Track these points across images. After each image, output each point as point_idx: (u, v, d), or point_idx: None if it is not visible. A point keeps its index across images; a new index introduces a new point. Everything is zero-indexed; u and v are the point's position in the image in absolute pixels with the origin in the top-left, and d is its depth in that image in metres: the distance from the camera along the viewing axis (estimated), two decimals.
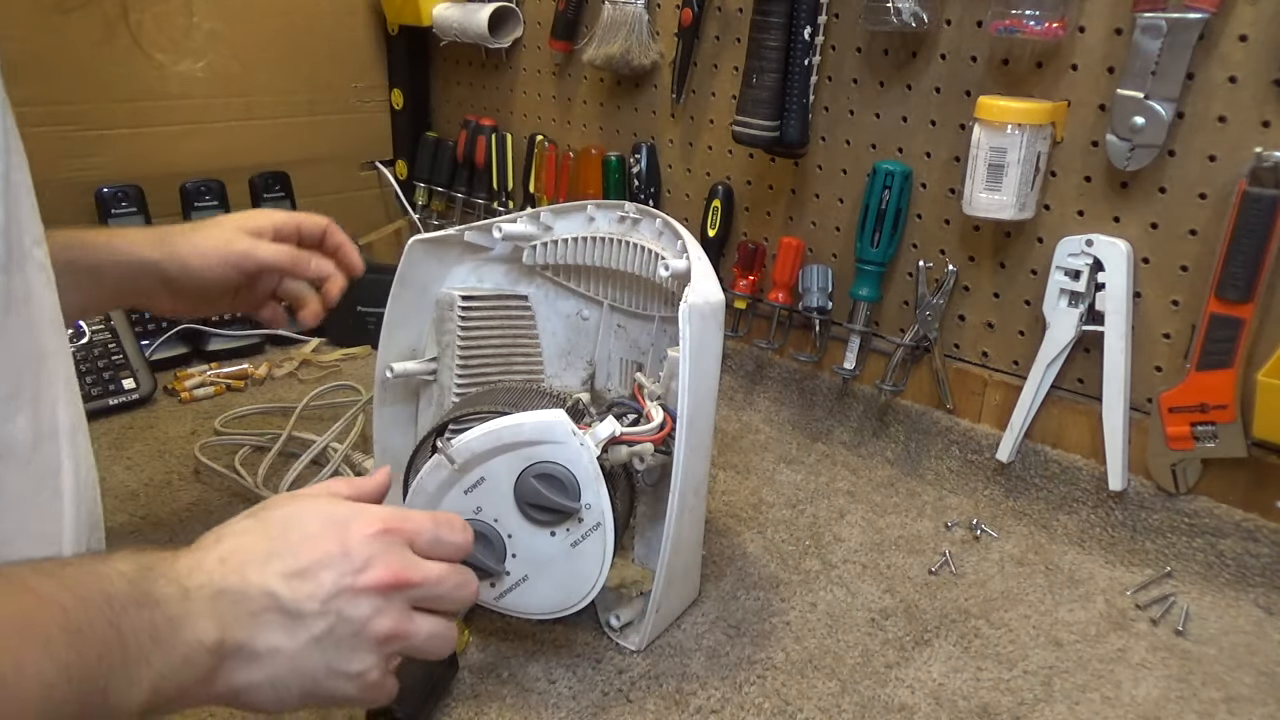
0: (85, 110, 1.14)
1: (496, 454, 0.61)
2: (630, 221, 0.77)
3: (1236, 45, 0.72)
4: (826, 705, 0.64)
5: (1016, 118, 0.80)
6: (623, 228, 0.78)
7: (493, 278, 0.82)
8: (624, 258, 0.77)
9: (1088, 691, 0.66)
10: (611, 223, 0.78)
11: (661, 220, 0.75)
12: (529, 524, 0.62)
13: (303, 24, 1.33)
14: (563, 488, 0.61)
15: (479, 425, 0.62)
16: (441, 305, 0.78)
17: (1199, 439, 0.78)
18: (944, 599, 0.76)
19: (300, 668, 0.45)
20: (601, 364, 0.86)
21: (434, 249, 0.78)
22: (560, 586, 0.64)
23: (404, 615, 0.48)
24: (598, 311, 0.84)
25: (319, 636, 0.45)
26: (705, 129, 1.11)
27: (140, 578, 0.41)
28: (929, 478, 0.94)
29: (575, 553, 0.63)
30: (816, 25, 0.92)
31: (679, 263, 0.69)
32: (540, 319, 0.84)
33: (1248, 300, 0.73)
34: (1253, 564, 0.77)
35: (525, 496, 0.61)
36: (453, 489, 0.62)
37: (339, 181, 1.43)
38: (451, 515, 0.55)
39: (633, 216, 0.77)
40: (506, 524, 0.62)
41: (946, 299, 0.93)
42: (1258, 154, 0.71)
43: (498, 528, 0.62)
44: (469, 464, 0.61)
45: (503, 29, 1.28)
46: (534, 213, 0.79)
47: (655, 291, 0.80)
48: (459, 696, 0.64)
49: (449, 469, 0.61)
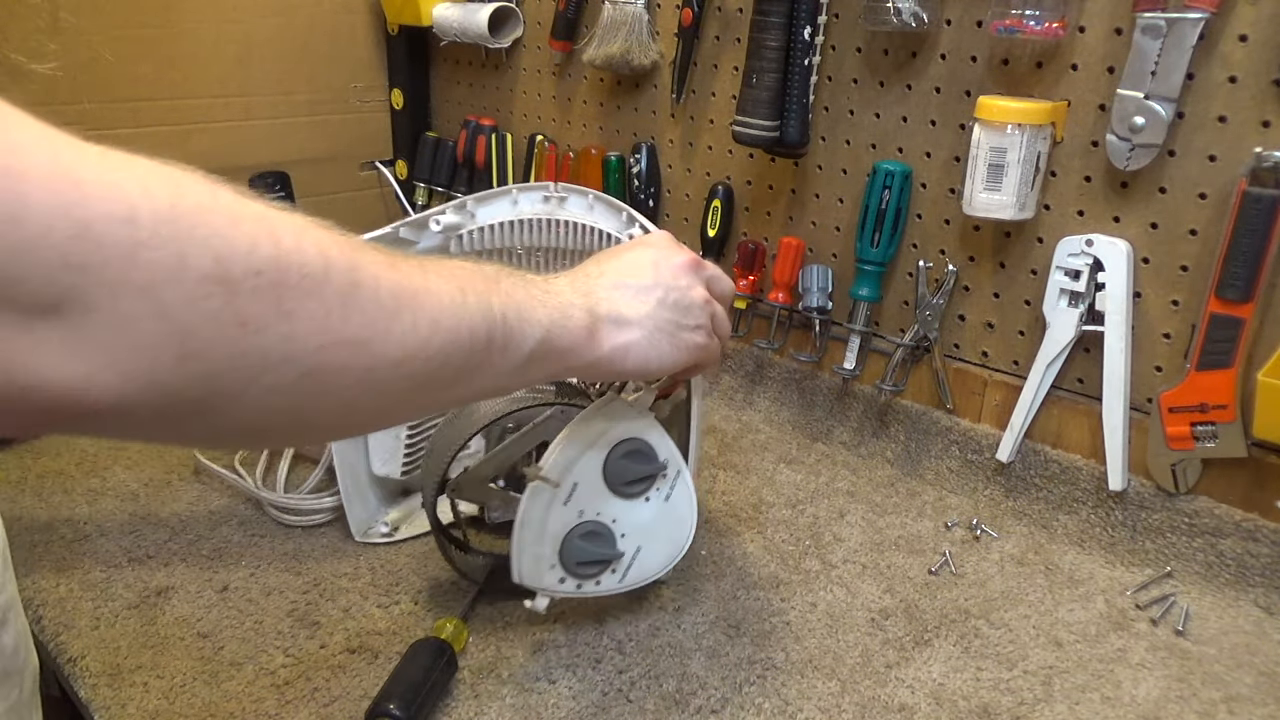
0: (85, 110, 1.14)
1: (581, 456, 0.64)
2: (556, 200, 0.79)
3: (1236, 45, 0.72)
4: (826, 705, 0.64)
5: (1016, 118, 0.80)
6: (549, 207, 0.80)
7: None
8: (554, 235, 0.80)
9: (1088, 691, 0.66)
10: (535, 204, 0.80)
11: (593, 195, 0.78)
12: (626, 501, 0.66)
13: (302, 24, 1.33)
14: (644, 456, 0.66)
15: (555, 442, 0.64)
16: None
17: (1199, 439, 0.78)
18: (944, 599, 0.76)
19: (659, 324, 0.56)
20: None
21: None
22: (668, 540, 0.69)
23: (704, 289, 0.60)
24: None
25: (661, 299, 0.57)
26: (705, 129, 1.11)
27: (505, 269, 0.49)
28: (929, 478, 0.94)
29: (669, 505, 0.68)
30: (816, 25, 0.92)
31: (635, 230, 0.75)
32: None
33: (1248, 300, 0.73)
34: (1253, 564, 0.77)
35: (617, 479, 0.66)
36: (553, 507, 0.64)
37: (339, 181, 1.43)
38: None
39: (558, 195, 0.79)
40: (607, 512, 0.66)
41: (946, 299, 0.93)
42: (1258, 154, 0.71)
43: (601, 520, 0.66)
44: (563, 477, 0.64)
45: (503, 29, 1.28)
46: (459, 202, 0.80)
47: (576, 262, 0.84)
48: (459, 696, 0.64)
49: (549, 492, 0.64)
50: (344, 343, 0.36)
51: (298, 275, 0.34)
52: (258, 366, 0.33)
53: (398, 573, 0.77)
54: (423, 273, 0.42)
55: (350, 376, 0.37)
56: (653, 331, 0.56)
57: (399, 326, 0.39)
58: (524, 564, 0.64)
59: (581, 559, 0.65)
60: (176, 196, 0.32)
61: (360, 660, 0.67)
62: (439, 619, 0.69)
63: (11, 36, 1.01)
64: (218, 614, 0.71)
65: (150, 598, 0.73)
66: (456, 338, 0.42)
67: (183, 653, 0.67)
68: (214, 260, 0.31)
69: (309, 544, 0.81)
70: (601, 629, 0.71)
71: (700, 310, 0.59)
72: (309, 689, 0.64)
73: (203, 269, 0.31)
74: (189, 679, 0.65)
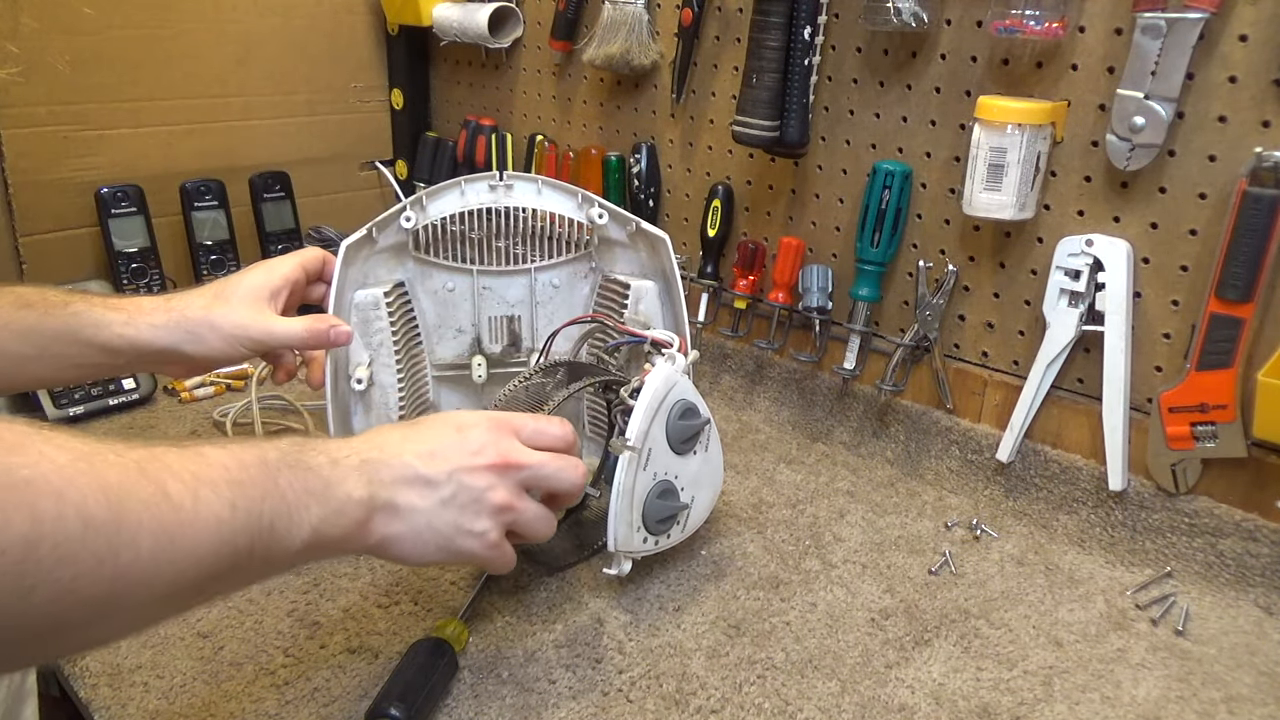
0: (85, 110, 1.14)
1: (653, 422, 0.69)
2: (503, 188, 0.83)
3: (1236, 45, 0.72)
4: (826, 705, 0.64)
5: (1016, 118, 0.80)
6: (495, 195, 0.83)
7: (376, 271, 0.84)
8: (502, 223, 0.84)
9: (1088, 691, 0.66)
10: (482, 194, 0.83)
11: (541, 181, 0.83)
12: (682, 458, 0.72)
13: (302, 24, 1.33)
14: (694, 413, 0.72)
15: (636, 412, 0.68)
16: (364, 307, 0.81)
17: (1199, 439, 0.78)
18: (944, 599, 0.76)
19: (434, 523, 0.55)
20: (481, 327, 0.90)
21: (353, 252, 0.81)
22: (709, 486, 0.77)
23: (515, 492, 0.58)
24: (465, 280, 0.87)
25: (446, 499, 0.55)
26: (705, 129, 1.11)
27: (293, 450, 0.50)
28: (929, 478, 0.94)
29: (709, 455, 0.75)
30: (816, 25, 0.92)
31: (594, 210, 0.83)
32: (413, 299, 0.87)
33: (1248, 300, 0.73)
34: (1253, 564, 0.77)
35: (677, 438, 0.71)
36: (639, 475, 0.69)
37: (339, 181, 1.43)
38: (550, 418, 0.63)
39: (505, 184, 0.83)
40: (671, 470, 0.72)
41: (946, 299, 0.93)
42: (1258, 154, 0.71)
43: (668, 478, 0.71)
44: (643, 444, 0.68)
45: (503, 29, 1.28)
46: (416, 197, 0.82)
47: (533, 246, 0.87)
48: (459, 696, 0.64)
49: (636, 460, 0.68)
50: (87, 602, 0.36)
51: (50, 547, 0.34)
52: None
53: (398, 573, 0.77)
54: (194, 497, 0.42)
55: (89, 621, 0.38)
56: (424, 529, 0.54)
57: (154, 568, 0.39)
58: (620, 531, 0.69)
59: (660, 516, 0.71)
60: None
61: (360, 660, 0.67)
62: (439, 619, 0.69)
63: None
64: (218, 614, 0.71)
65: None
66: (217, 558, 0.42)
67: (183, 653, 0.67)
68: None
69: None
70: (601, 629, 0.71)
71: (490, 516, 0.56)
72: (309, 689, 0.64)
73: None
74: (189, 679, 0.65)
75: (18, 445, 0.35)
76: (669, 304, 0.86)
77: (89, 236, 1.16)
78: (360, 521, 0.52)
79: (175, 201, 1.21)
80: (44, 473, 0.35)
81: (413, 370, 0.86)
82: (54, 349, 0.64)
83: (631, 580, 0.76)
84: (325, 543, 0.50)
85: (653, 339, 0.76)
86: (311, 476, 0.49)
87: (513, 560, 0.60)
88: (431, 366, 0.89)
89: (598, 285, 0.88)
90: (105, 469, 0.38)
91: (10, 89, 1.07)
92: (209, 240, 1.22)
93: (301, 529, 0.48)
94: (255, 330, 0.69)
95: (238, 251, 1.25)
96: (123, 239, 1.15)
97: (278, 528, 0.46)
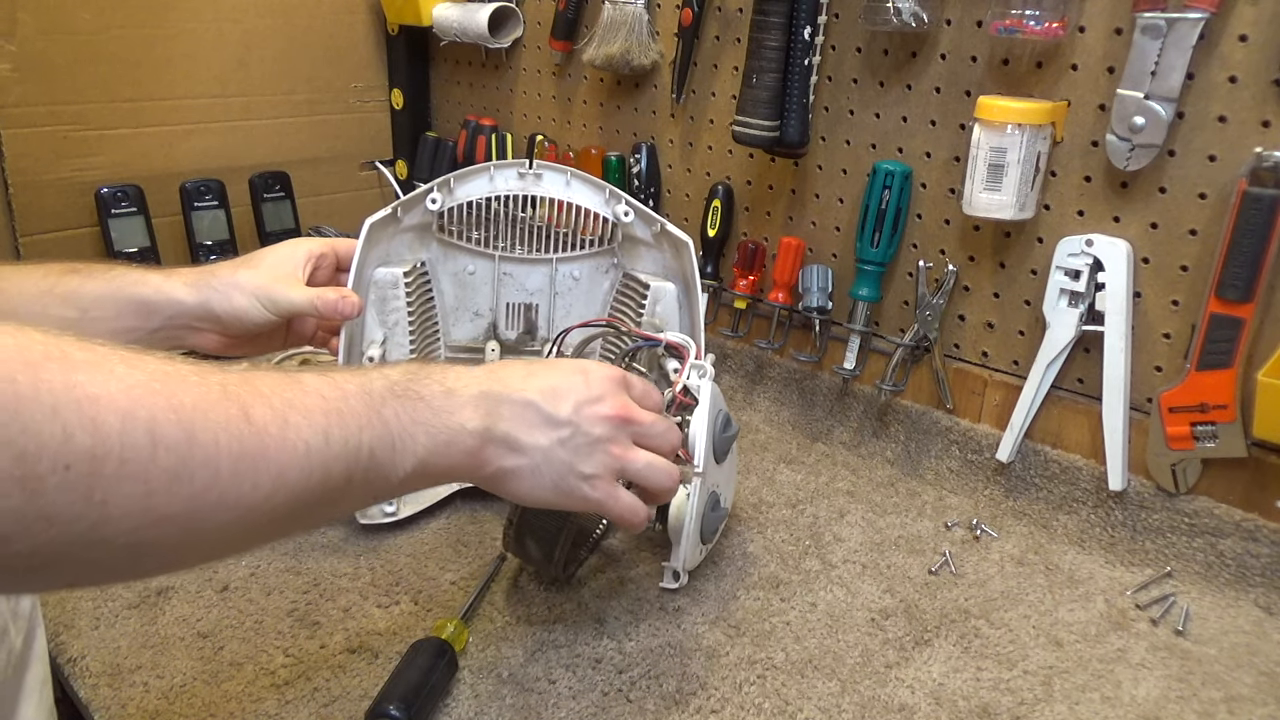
0: (85, 110, 1.14)
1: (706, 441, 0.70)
2: (532, 177, 0.83)
3: (1236, 45, 0.72)
4: (826, 705, 0.64)
5: (1016, 118, 0.80)
6: (523, 183, 0.84)
7: (399, 251, 0.85)
8: (528, 210, 0.85)
9: (1088, 691, 0.66)
10: (511, 180, 0.84)
11: (570, 173, 0.83)
12: (721, 467, 0.74)
13: (302, 24, 1.33)
14: (730, 422, 0.73)
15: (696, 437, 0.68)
16: (382, 285, 0.82)
17: (1199, 439, 0.78)
18: (944, 599, 0.76)
19: (551, 460, 0.54)
20: (499, 312, 0.91)
21: (376, 230, 0.81)
22: (728, 484, 0.79)
23: (627, 444, 0.58)
24: (487, 264, 0.88)
25: (564, 439, 0.55)
26: (705, 129, 1.11)
27: (404, 379, 0.50)
28: (929, 478, 0.94)
29: (730, 462, 0.78)
30: (816, 25, 0.92)
31: (621, 207, 0.84)
32: (433, 280, 0.88)
33: (1248, 300, 0.73)
34: (1253, 564, 0.77)
35: (720, 450, 0.72)
36: (701, 494, 0.70)
37: (339, 181, 1.43)
38: (650, 387, 0.64)
39: (534, 173, 0.83)
40: (714, 480, 0.73)
41: (946, 299, 0.93)
42: (1258, 154, 0.71)
43: (714, 489, 0.73)
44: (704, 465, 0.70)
45: (503, 29, 1.28)
46: (444, 179, 0.83)
47: (555, 238, 0.88)
48: (459, 696, 0.64)
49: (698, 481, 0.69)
50: (166, 519, 0.37)
51: (116, 462, 0.34)
52: (65, 552, 0.34)
53: (398, 573, 0.77)
54: (282, 422, 0.41)
55: (174, 541, 0.38)
56: (542, 464, 0.54)
57: (235, 490, 0.39)
58: (688, 554, 0.72)
59: (712, 527, 0.73)
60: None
61: (360, 660, 0.67)
62: (439, 619, 0.69)
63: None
64: (218, 614, 0.71)
65: (150, 598, 0.73)
66: (308, 485, 0.42)
67: (183, 653, 0.67)
68: (15, 460, 0.32)
69: (309, 543, 0.81)
70: (601, 629, 0.71)
71: (603, 464, 0.56)
72: (309, 689, 0.64)
73: (2, 469, 0.31)
74: (189, 679, 0.65)
75: (90, 363, 0.35)
76: (687, 308, 0.86)
77: (89, 236, 1.16)
78: (472, 451, 0.52)
79: (175, 201, 1.21)
80: (111, 391, 0.35)
81: (426, 350, 0.87)
82: (94, 311, 0.65)
83: (631, 580, 0.76)
84: (434, 472, 0.50)
85: (668, 342, 0.75)
86: (421, 407, 0.50)
87: (638, 509, 0.59)
88: (446, 348, 0.90)
89: (618, 282, 0.89)
90: (181, 390, 0.37)
91: (10, 89, 1.07)
92: (209, 240, 1.23)
93: (406, 458, 0.48)
94: (275, 293, 0.71)
95: (238, 251, 1.25)
96: (123, 239, 1.15)
97: (379, 457, 0.46)
